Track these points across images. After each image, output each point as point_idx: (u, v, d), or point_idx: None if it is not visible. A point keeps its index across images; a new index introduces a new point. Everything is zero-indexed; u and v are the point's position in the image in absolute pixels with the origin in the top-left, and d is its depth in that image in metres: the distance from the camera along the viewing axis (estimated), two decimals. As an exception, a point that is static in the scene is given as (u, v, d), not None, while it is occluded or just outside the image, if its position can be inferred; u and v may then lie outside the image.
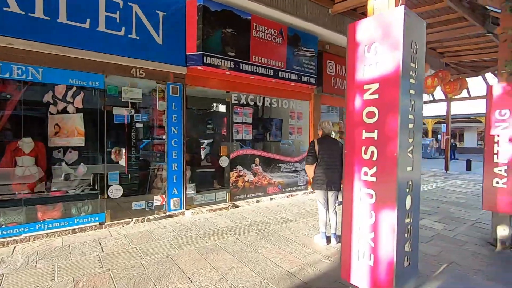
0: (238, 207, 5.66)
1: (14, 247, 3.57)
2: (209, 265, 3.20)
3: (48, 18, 3.73)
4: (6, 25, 3.51)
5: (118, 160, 4.79)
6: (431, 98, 13.15)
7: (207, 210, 5.21)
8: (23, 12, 3.58)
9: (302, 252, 3.60)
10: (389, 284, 1.76)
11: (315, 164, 3.75)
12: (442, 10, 6.40)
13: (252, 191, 6.09)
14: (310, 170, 3.81)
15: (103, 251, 3.49)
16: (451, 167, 13.07)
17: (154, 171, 5.28)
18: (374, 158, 1.86)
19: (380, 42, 1.83)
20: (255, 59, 5.52)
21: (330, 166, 3.70)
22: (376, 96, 1.85)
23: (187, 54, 4.96)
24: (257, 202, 6.04)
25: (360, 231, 1.94)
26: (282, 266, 3.21)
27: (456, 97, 11.38)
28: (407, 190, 1.84)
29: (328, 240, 3.85)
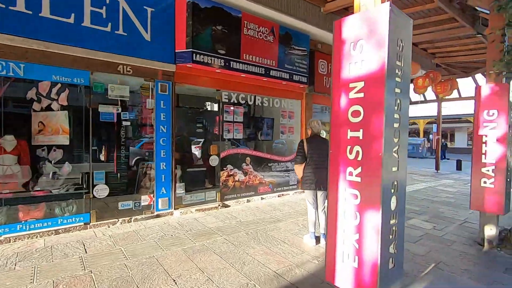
0: (228, 206, 5.61)
1: (-6, 248, 3.46)
2: (195, 266, 3.14)
3: (30, 12, 3.61)
4: (-15, 18, 3.39)
5: (106, 159, 4.69)
6: (422, 99, 13.26)
7: (197, 210, 5.14)
8: (3, 5, 3.45)
9: (290, 253, 3.57)
10: (373, 286, 1.73)
11: (304, 163, 3.72)
12: (433, 11, 6.43)
13: (242, 190, 6.03)
14: (299, 170, 3.77)
15: (86, 252, 3.40)
16: (442, 167, 13.20)
17: (142, 170, 5.19)
18: (359, 158, 1.83)
19: (366, 40, 1.79)
20: (246, 57, 5.46)
21: (319, 165, 3.66)
22: (361, 94, 1.82)
23: (176, 51, 4.88)
24: (247, 201, 5.99)
25: (345, 233, 1.90)
26: (270, 267, 3.17)
27: (447, 97, 11.49)
28: (392, 190, 1.81)
29: (317, 240, 3.83)
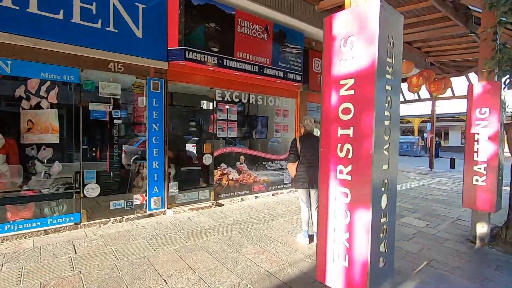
0: (222, 205, 5.57)
1: (-20, 249, 3.38)
2: (186, 266, 3.10)
3: (17, 8, 3.52)
4: (-30, 13, 3.30)
5: (97, 157, 4.62)
6: (416, 97, 13.33)
7: (190, 209, 5.10)
8: (-12, 1, 3.37)
9: (283, 252, 3.55)
10: (363, 285, 1.71)
11: (297, 162, 3.70)
12: (426, 9, 6.45)
13: (236, 189, 6.00)
14: (292, 169, 3.75)
15: (76, 252, 3.34)
16: (436, 165, 13.31)
17: (135, 169, 5.13)
18: (350, 156, 1.80)
19: (356, 36, 1.77)
20: (239, 55, 5.42)
21: (313, 164, 3.64)
22: (352, 92, 1.79)
23: (168, 48, 4.81)
24: (241, 200, 5.96)
25: (335, 232, 1.88)
26: (262, 266, 3.14)
27: (440, 96, 11.57)
28: (383, 189, 1.80)
29: (311, 239, 3.81)
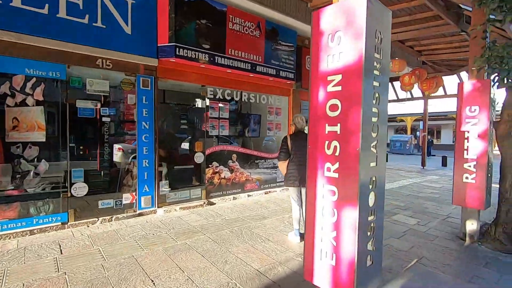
0: (214, 204, 5.52)
1: (-38, 251, 3.29)
2: (175, 265, 3.05)
3: (-1, 2, 3.42)
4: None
5: (85, 156, 4.53)
6: (409, 96, 13.42)
7: (181, 208, 5.04)
8: (-31, -6, 3.26)
9: (274, 250, 3.52)
10: (350, 284, 1.69)
11: (288, 160, 3.67)
12: (418, 8, 6.46)
13: (228, 188, 5.96)
14: (283, 167, 3.72)
15: (61, 253, 3.27)
16: (428, 163, 13.45)
17: (124, 168, 5.04)
18: (337, 153, 1.77)
19: (344, 31, 1.74)
20: (231, 52, 5.36)
21: (303, 162, 3.60)
22: (339, 88, 1.76)
23: (158, 45, 4.74)
24: (233, 199, 5.92)
25: (322, 230, 1.86)
26: (252, 265, 3.11)
27: (432, 95, 11.66)
28: (371, 186, 1.77)
29: (302, 237, 3.79)
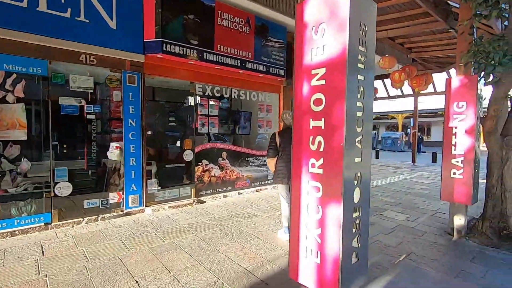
0: (204, 202, 5.46)
1: None
2: (161, 266, 2.99)
3: (-26, -6, 3.28)
4: None
5: (69, 154, 4.42)
6: (400, 93, 13.53)
7: (170, 207, 4.96)
8: None
9: (263, 248, 3.48)
10: (335, 282, 1.66)
11: (277, 157, 3.62)
12: (408, 5, 6.48)
13: (219, 186, 5.89)
14: (271, 164, 3.68)
15: (43, 255, 3.16)
16: (418, 160, 13.60)
17: (111, 167, 4.94)
18: (321, 149, 1.73)
19: (327, 23, 1.69)
20: (220, 48, 5.28)
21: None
22: (323, 81, 1.72)
23: (145, 41, 4.62)
24: (224, 197, 5.86)
25: (307, 227, 1.82)
26: (241, 264, 3.07)
27: (423, 92, 11.78)
28: (355, 182, 1.74)
29: (291, 235, 3.76)
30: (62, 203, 4.14)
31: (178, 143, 5.48)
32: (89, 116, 4.33)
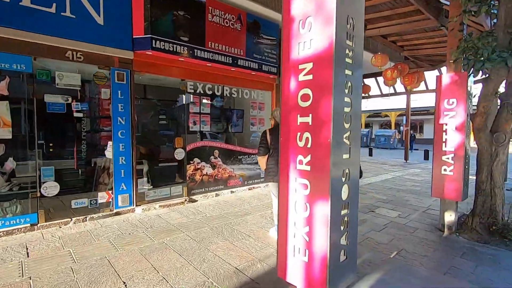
0: (196, 201, 5.40)
1: None
2: (150, 266, 2.93)
3: (-47, -13, 3.16)
4: None
5: (55, 153, 4.32)
6: (392, 91, 13.60)
7: (160, 206, 4.89)
8: None
9: (254, 247, 3.45)
10: (322, 280, 1.63)
11: (267, 155, 3.59)
12: (400, 2, 6.49)
13: (211, 184, 5.84)
14: (262, 162, 3.64)
15: (28, 256, 3.08)
16: (411, 157, 13.72)
17: (100, 166, 4.85)
18: (309, 145, 1.70)
19: (314, 16, 1.65)
20: (211, 45, 5.21)
21: (283, 156, 3.54)
22: (310, 76, 1.68)
23: (134, 37, 4.53)
24: (216, 195, 5.81)
25: (295, 226, 1.79)
26: (231, 263, 3.03)
27: (415, 90, 11.85)
28: (343, 179, 1.71)
29: (283, 233, 3.73)
30: (49, 203, 4.05)
31: (169, 142, 5.41)
32: (76, 114, 4.22)
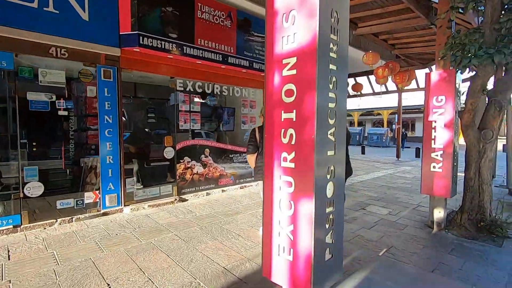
0: (186, 200, 5.33)
1: None
2: (136, 267, 2.87)
3: None
4: None
5: (39, 153, 4.20)
6: (384, 89, 13.69)
7: (150, 206, 4.81)
8: None
9: (244, 246, 3.41)
10: (307, 279, 1.60)
11: (257, 153, 3.54)
12: (390, 0, 6.49)
13: (202, 183, 5.78)
14: (251, 160, 3.59)
15: (9, 259, 2.98)
16: (403, 155, 13.84)
17: (87, 165, 4.74)
18: (293, 142, 1.66)
19: (298, 9, 1.61)
20: (201, 42, 5.14)
21: (273, 154, 3.50)
22: (294, 71, 1.64)
23: (120, 33, 4.43)
24: (207, 194, 5.75)
25: (280, 224, 1.75)
26: (219, 263, 2.98)
27: (406, 88, 11.94)
28: (328, 176, 1.68)
29: (273, 232, 3.70)
30: (34, 204, 3.94)
31: (159, 140, 5.32)
32: (61, 113, 4.12)
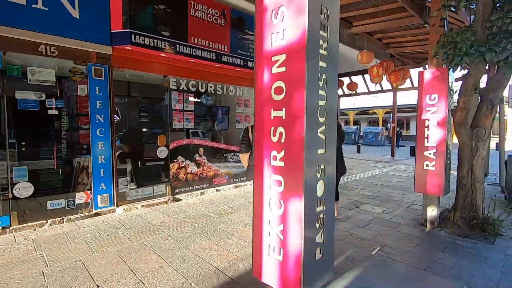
0: (180, 200, 5.29)
1: None
2: (127, 268, 2.83)
3: None
4: None
5: (29, 153, 4.13)
6: (379, 88, 13.73)
7: (143, 206, 4.76)
8: None
9: (237, 246, 3.38)
10: (297, 279, 1.57)
11: (250, 152, 3.52)
12: (384, -1, 6.50)
13: (196, 183, 5.74)
14: (244, 159, 3.56)
15: (-4, 261, 2.93)
16: (397, 154, 13.90)
17: (79, 165, 4.67)
18: (283, 140, 1.64)
19: (287, 5, 1.58)
20: (194, 40, 5.09)
21: (266, 153, 3.48)
22: (284, 68, 1.62)
23: (112, 31, 4.37)
24: (201, 194, 5.71)
25: (270, 224, 1.73)
26: (212, 263, 2.95)
27: (401, 87, 11.99)
28: (319, 175, 1.66)
29: (266, 231, 3.68)
30: (24, 205, 3.87)
31: (152, 140, 5.27)
32: (51, 112, 4.05)
